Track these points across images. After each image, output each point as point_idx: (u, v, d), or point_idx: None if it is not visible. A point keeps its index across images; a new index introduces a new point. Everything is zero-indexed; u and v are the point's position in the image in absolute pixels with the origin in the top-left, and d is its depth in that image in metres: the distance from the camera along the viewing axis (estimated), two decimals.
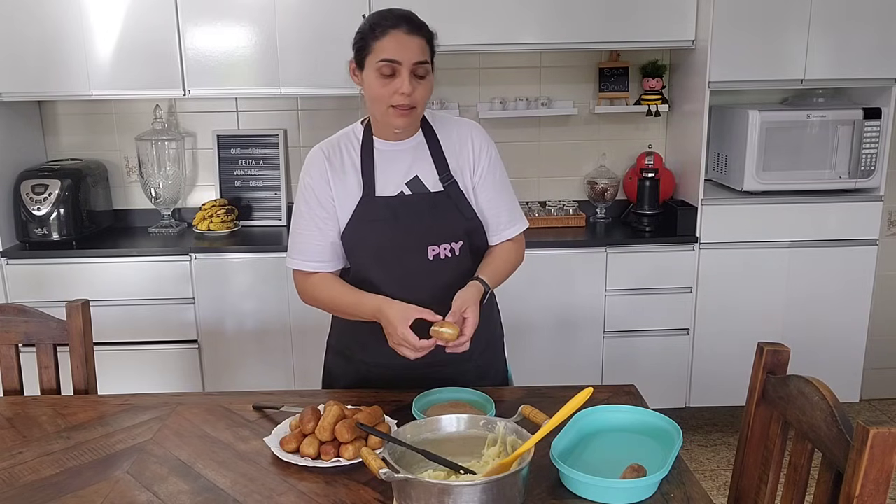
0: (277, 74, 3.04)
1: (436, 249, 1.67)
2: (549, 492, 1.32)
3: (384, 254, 1.66)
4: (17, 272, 3.02)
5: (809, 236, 3.09)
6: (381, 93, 1.58)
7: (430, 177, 1.69)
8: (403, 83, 1.56)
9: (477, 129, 1.76)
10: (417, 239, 1.66)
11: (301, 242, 1.71)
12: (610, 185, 3.39)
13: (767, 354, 1.49)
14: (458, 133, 1.73)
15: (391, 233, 1.65)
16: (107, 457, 1.48)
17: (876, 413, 3.48)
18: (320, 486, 1.35)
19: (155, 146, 3.25)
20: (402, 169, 1.68)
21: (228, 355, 3.09)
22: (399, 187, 1.67)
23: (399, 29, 1.56)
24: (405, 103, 1.57)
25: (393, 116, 1.61)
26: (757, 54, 2.97)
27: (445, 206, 1.68)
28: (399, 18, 1.58)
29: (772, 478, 1.46)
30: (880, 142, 3.04)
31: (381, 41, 1.57)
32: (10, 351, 1.92)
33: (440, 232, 1.67)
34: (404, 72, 1.56)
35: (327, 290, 1.70)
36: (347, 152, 1.70)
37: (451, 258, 1.69)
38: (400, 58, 1.55)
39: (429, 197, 1.68)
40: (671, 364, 3.17)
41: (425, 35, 1.60)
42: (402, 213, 1.66)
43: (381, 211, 1.66)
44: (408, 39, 1.56)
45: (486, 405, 1.59)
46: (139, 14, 2.97)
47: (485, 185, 1.73)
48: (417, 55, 1.57)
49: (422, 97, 1.60)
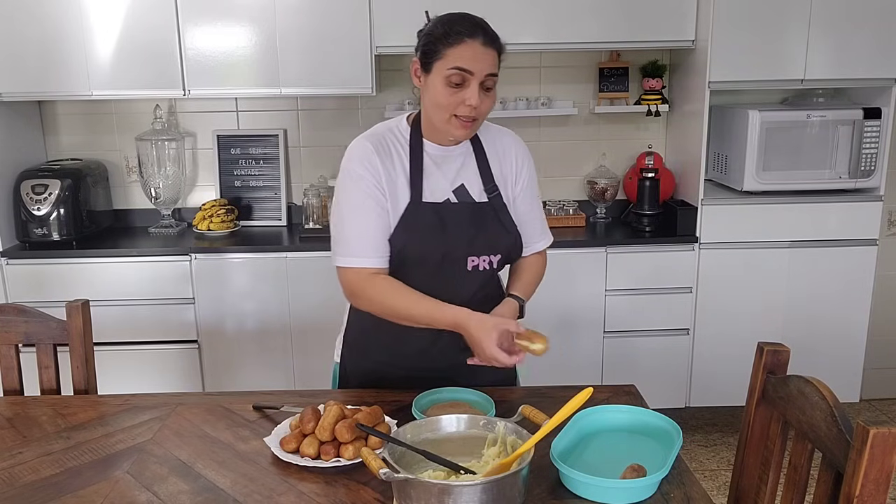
0: (277, 74, 3.05)
1: (475, 261, 1.65)
2: (549, 492, 1.32)
3: (426, 261, 1.62)
4: (17, 272, 3.02)
5: (809, 236, 3.09)
6: (447, 101, 1.53)
7: (476, 186, 1.66)
8: (473, 95, 1.52)
9: (519, 141, 1.75)
10: (460, 249, 1.63)
11: (361, 236, 1.59)
12: (610, 185, 3.39)
13: (767, 354, 1.49)
14: (501, 143, 1.71)
15: (436, 241, 1.61)
16: (107, 457, 1.48)
17: (876, 413, 3.49)
18: (320, 486, 1.35)
19: (155, 146, 3.25)
20: (450, 176, 1.65)
21: (228, 355, 3.09)
22: (446, 194, 1.64)
23: (475, 39, 1.52)
24: (472, 115, 1.54)
25: (455, 127, 1.56)
26: (757, 54, 2.97)
27: (489, 217, 1.66)
28: (476, 27, 1.54)
29: (772, 478, 1.46)
30: (880, 142, 3.04)
31: (455, 48, 1.52)
32: (10, 351, 1.92)
33: (482, 244, 1.64)
34: (474, 83, 1.52)
35: (399, 297, 1.58)
36: (396, 151, 1.63)
37: (487, 270, 1.67)
38: (473, 68, 1.51)
39: (474, 207, 1.65)
40: (671, 364, 3.18)
41: (498, 48, 1.56)
42: (449, 222, 1.62)
43: (428, 217, 1.61)
44: (483, 51, 1.52)
45: (486, 405, 1.59)
46: (139, 14, 2.97)
47: (524, 199, 1.72)
48: (490, 67, 1.53)
49: (486, 110, 1.57)
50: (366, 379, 1.79)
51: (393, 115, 3.32)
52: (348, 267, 1.60)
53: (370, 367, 1.78)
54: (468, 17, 1.57)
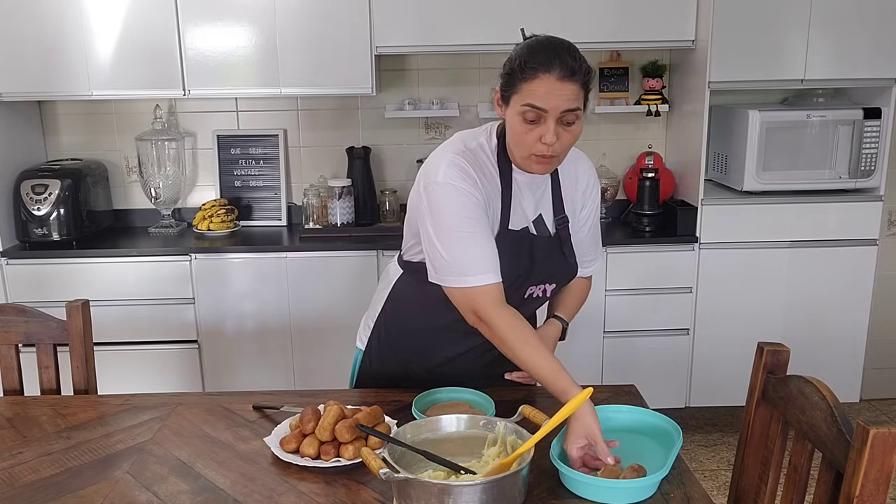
0: (277, 74, 3.04)
1: (533, 290, 1.64)
2: (549, 492, 1.32)
3: None
4: (17, 272, 3.02)
5: (809, 236, 3.09)
6: (523, 138, 1.46)
7: (549, 216, 1.63)
8: (548, 132, 1.43)
9: (592, 167, 1.71)
10: (525, 278, 1.61)
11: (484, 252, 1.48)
12: (610, 185, 3.39)
13: (767, 354, 1.49)
14: (575, 170, 1.67)
15: (510, 270, 1.54)
16: (107, 457, 1.48)
17: (876, 413, 3.48)
18: (320, 486, 1.35)
19: (155, 146, 3.25)
20: (532, 204, 1.61)
21: (228, 355, 3.09)
22: (526, 223, 1.60)
23: (551, 73, 1.40)
24: (549, 154, 1.46)
25: (533, 163, 1.50)
26: (757, 54, 2.97)
27: (555, 249, 1.63)
28: (553, 59, 1.41)
29: (772, 478, 1.46)
30: (880, 142, 3.04)
31: (529, 83, 1.42)
32: (10, 351, 1.92)
33: (543, 273, 1.62)
34: (550, 121, 1.43)
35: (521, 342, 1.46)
36: (487, 171, 1.55)
37: (541, 298, 1.67)
38: (546, 106, 1.41)
39: (548, 240, 1.62)
40: (671, 364, 3.17)
41: (580, 79, 1.43)
42: (523, 252, 1.58)
43: (509, 245, 1.55)
44: (559, 86, 1.40)
45: (486, 405, 1.59)
46: (139, 14, 2.97)
47: (586, 225, 1.71)
48: (567, 103, 1.42)
49: (565, 147, 1.48)
50: (388, 373, 1.78)
51: (393, 115, 3.34)
52: (476, 287, 1.48)
53: (395, 362, 1.78)
54: (550, 45, 1.44)
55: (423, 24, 3.00)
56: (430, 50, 3.08)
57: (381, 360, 1.80)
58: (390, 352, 1.78)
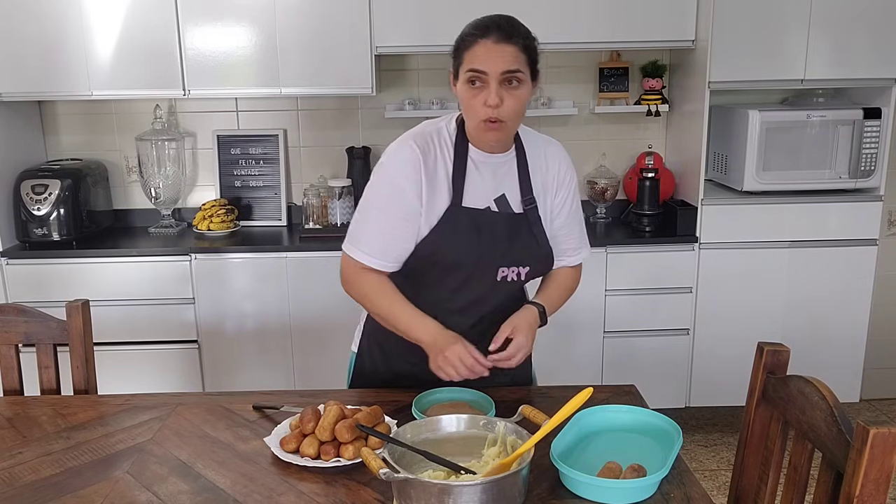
0: (277, 74, 3.04)
1: (505, 272, 1.64)
2: (549, 492, 1.32)
3: (458, 267, 1.61)
4: (17, 272, 3.02)
5: (809, 236, 3.09)
6: (470, 104, 1.53)
7: (515, 196, 1.65)
8: (490, 94, 1.50)
9: (563, 152, 1.73)
10: (492, 259, 1.62)
11: (368, 235, 1.62)
12: (610, 185, 3.39)
13: (767, 354, 1.49)
14: (545, 154, 1.69)
15: (470, 248, 1.60)
16: (107, 457, 1.48)
17: (876, 413, 3.49)
18: (320, 486, 1.35)
19: (155, 146, 3.25)
20: (492, 183, 1.63)
21: (228, 355, 3.09)
22: (487, 202, 1.62)
23: (489, 37, 1.50)
24: (492, 116, 1.51)
25: (483, 131, 1.55)
26: (757, 54, 2.97)
27: (523, 229, 1.64)
28: (489, 27, 1.51)
29: (772, 478, 1.46)
30: (880, 142, 3.04)
31: (470, 50, 1.52)
32: (10, 351, 1.92)
33: (513, 255, 1.63)
34: (491, 82, 1.49)
35: (385, 297, 1.62)
36: (441, 154, 1.61)
37: (515, 282, 1.67)
38: (486, 68, 1.49)
39: (512, 218, 1.64)
40: (671, 364, 3.17)
41: (520, 43, 1.52)
42: (485, 230, 1.61)
43: (465, 223, 1.60)
44: (497, 48, 1.49)
45: (486, 405, 1.59)
46: (139, 14, 2.97)
47: (562, 212, 1.71)
48: (507, 64, 1.49)
49: (511, 110, 1.52)
50: (382, 373, 1.78)
51: (393, 115, 3.34)
52: (349, 255, 1.64)
53: (385, 362, 1.78)
54: (488, 17, 1.55)
55: (423, 24, 3.00)
56: (430, 50, 3.08)
57: (372, 361, 1.81)
58: (379, 352, 1.79)
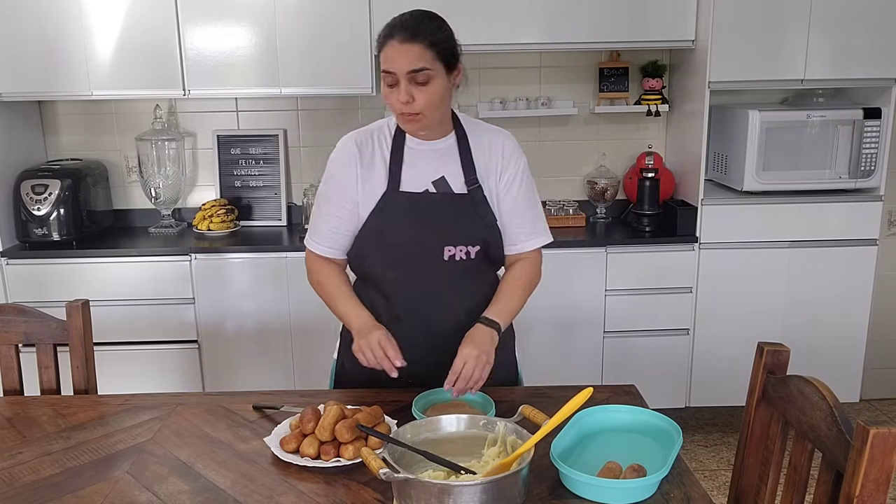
0: (277, 74, 3.04)
1: (451, 250, 1.68)
2: (549, 492, 1.32)
3: (402, 249, 1.68)
4: (17, 272, 3.02)
5: (809, 236, 3.09)
6: (389, 100, 1.61)
7: (457, 179, 1.70)
8: (400, 93, 1.57)
9: (509, 138, 1.76)
10: (434, 237, 1.68)
11: (319, 226, 1.75)
12: (610, 185, 3.39)
13: (767, 354, 1.49)
14: (489, 139, 1.74)
15: (411, 229, 1.67)
16: (107, 457, 1.48)
17: (876, 413, 3.49)
18: (320, 486, 1.35)
19: (155, 146, 3.25)
20: (430, 168, 1.70)
21: (228, 355, 3.09)
22: (425, 185, 1.69)
23: (394, 38, 1.57)
24: (407, 111, 1.59)
25: (404, 123, 1.64)
26: (757, 54, 2.97)
27: (467, 208, 1.69)
28: (394, 28, 1.58)
29: (772, 478, 1.46)
30: (880, 142, 3.04)
31: (383, 52, 1.59)
32: (10, 351, 1.92)
33: (458, 234, 1.68)
34: (401, 81, 1.57)
35: (331, 284, 1.75)
36: (379, 144, 1.71)
37: (466, 260, 1.70)
38: (393, 68, 1.56)
39: (452, 198, 1.69)
40: (671, 364, 3.17)
41: (425, 40, 1.57)
42: (424, 211, 1.67)
43: (403, 206, 1.67)
44: (402, 48, 1.56)
45: (486, 405, 1.59)
46: (139, 14, 2.97)
47: (509, 195, 1.73)
48: (411, 63, 1.55)
49: (424, 103, 1.58)
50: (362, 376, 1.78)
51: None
52: (306, 246, 1.79)
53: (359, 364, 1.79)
54: (400, 16, 1.61)
55: None
56: None
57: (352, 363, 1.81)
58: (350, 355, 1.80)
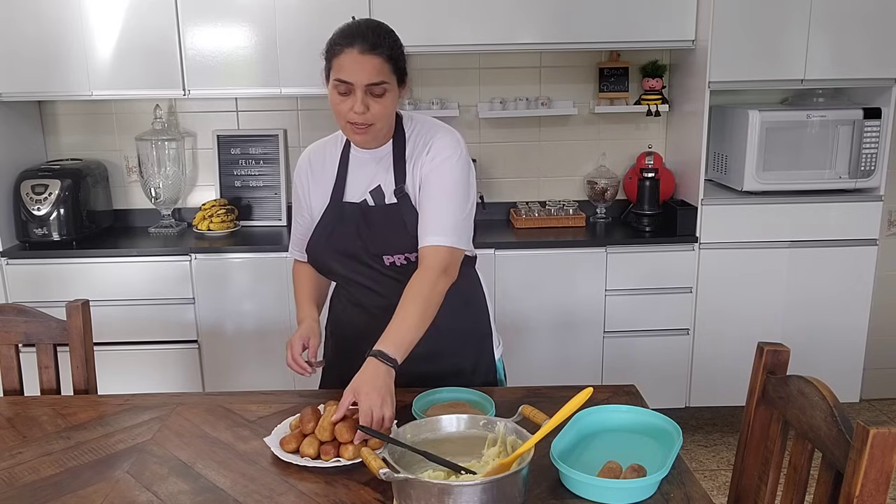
0: (277, 74, 3.04)
1: (390, 258, 1.68)
2: (549, 492, 1.32)
3: (349, 256, 1.70)
4: (17, 272, 3.02)
5: (809, 236, 3.09)
6: (338, 109, 1.59)
7: (390, 187, 1.68)
8: (356, 103, 1.55)
9: (443, 136, 1.66)
10: (374, 247, 1.68)
11: (294, 234, 1.87)
12: (610, 185, 3.39)
13: (767, 354, 1.49)
14: (424, 140, 1.67)
15: (350, 239, 1.69)
16: (107, 457, 1.48)
17: (876, 413, 3.49)
18: (320, 486, 1.35)
19: (155, 146, 3.25)
20: (368, 177, 1.70)
21: (228, 355, 3.09)
22: (363, 195, 1.70)
23: (354, 48, 1.53)
24: (359, 122, 1.58)
25: (350, 132, 1.63)
26: (757, 54, 2.97)
27: (396, 219, 1.66)
28: (355, 37, 1.54)
29: (772, 478, 1.46)
30: (880, 142, 3.04)
31: (337, 59, 1.56)
32: (10, 351, 1.92)
33: (391, 244, 1.67)
34: (358, 92, 1.55)
35: (296, 283, 1.87)
36: (330, 155, 1.75)
37: (407, 265, 1.67)
38: (352, 79, 1.54)
39: (384, 209, 1.68)
40: (671, 364, 3.17)
41: (385, 53, 1.55)
42: (361, 222, 1.68)
43: (345, 216, 1.70)
44: (362, 59, 1.53)
45: (486, 405, 1.59)
46: (139, 14, 2.97)
47: (422, 189, 1.65)
48: (371, 76, 1.53)
49: (378, 115, 1.57)
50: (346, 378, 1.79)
51: None
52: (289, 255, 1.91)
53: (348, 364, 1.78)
54: (356, 25, 1.58)
55: (424, 24, 3.00)
56: (430, 50, 3.08)
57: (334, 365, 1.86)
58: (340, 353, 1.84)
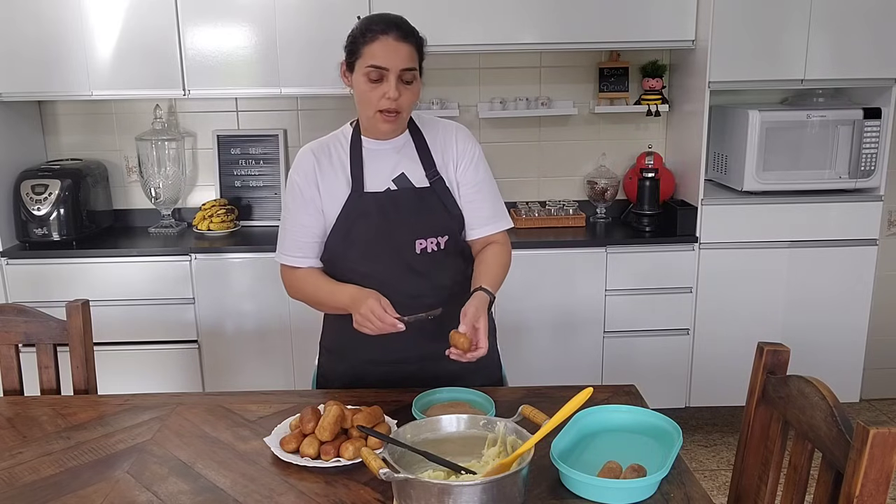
0: (277, 74, 3.04)
1: (423, 243, 1.71)
2: (549, 492, 1.32)
3: (373, 248, 1.70)
4: (17, 272, 3.02)
5: (809, 236, 3.09)
6: (369, 97, 1.62)
7: (417, 173, 1.73)
8: (391, 88, 1.60)
9: (462, 129, 1.80)
10: (405, 233, 1.70)
11: (287, 238, 1.78)
12: (610, 185, 3.39)
13: (767, 354, 1.49)
14: (443, 132, 1.78)
15: (379, 227, 1.69)
16: (107, 457, 1.48)
17: (876, 413, 3.49)
18: (320, 486, 1.35)
19: (155, 146, 3.25)
20: (389, 166, 1.72)
21: (228, 355, 3.09)
22: (386, 183, 1.71)
23: (389, 35, 1.59)
24: (392, 108, 1.61)
25: (379, 121, 1.65)
26: (757, 54, 2.97)
27: (431, 200, 1.72)
28: (389, 24, 1.61)
29: (772, 478, 1.46)
30: (880, 142, 3.04)
31: (370, 46, 1.60)
32: (10, 351, 1.92)
33: (426, 226, 1.71)
34: (392, 77, 1.60)
35: (309, 282, 1.76)
36: (336, 151, 1.74)
37: (438, 251, 1.72)
38: (388, 64, 1.59)
39: (415, 192, 1.72)
40: (671, 364, 3.17)
41: (414, 42, 1.63)
42: (390, 208, 1.70)
43: (369, 206, 1.70)
44: (396, 46, 1.60)
45: (486, 405, 1.59)
46: (139, 14, 2.97)
47: (466, 181, 1.76)
48: (405, 62, 1.61)
49: (407, 102, 1.64)
50: (344, 381, 1.82)
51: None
52: (279, 262, 1.81)
53: (346, 368, 1.82)
54: (385, 15, 1.65)
55: (423, 24, 2.94)
56: (431, 50, 3.03)
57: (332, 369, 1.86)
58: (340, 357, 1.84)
